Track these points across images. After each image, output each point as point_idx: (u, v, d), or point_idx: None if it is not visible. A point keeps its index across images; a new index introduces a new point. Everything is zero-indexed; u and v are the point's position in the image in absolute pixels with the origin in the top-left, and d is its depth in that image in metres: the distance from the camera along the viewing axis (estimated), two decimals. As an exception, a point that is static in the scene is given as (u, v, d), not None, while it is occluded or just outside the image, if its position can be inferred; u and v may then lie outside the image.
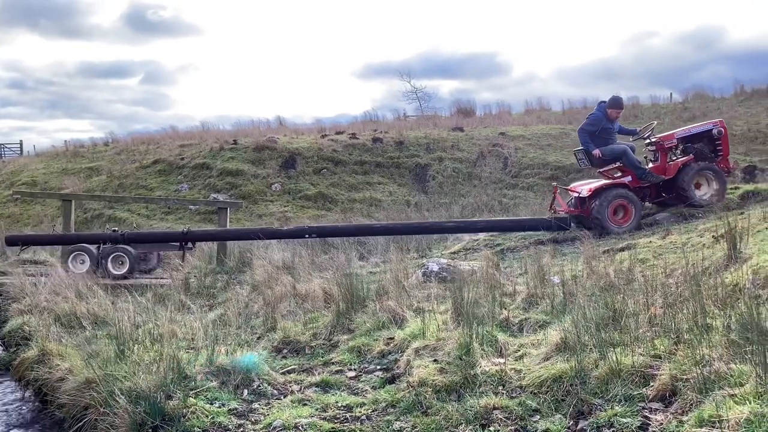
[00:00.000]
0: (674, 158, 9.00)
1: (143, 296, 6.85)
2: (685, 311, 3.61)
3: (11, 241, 9.86)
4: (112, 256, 8.73)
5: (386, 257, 9.04)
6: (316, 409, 3.55)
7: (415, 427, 3.16)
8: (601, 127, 8.93)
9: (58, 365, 4.86)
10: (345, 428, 3.27)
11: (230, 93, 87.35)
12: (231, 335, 5.01)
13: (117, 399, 3.62)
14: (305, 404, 3.66)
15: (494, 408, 3.17)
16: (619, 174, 9.05)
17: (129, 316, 5.23)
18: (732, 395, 2.55)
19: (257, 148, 19.10)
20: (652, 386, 3.00)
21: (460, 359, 3.74)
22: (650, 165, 9.14)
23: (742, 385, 2.63)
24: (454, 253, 9.55)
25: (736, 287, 4.07)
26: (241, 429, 3.39)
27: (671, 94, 25.61)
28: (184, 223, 15.67)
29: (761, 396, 2.46)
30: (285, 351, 4.91)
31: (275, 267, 7.65)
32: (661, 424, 2.71)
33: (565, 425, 2.96)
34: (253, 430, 3.36)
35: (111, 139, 27.07)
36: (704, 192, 8.69)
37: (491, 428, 3.02)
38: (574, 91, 73.24)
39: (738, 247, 5.01)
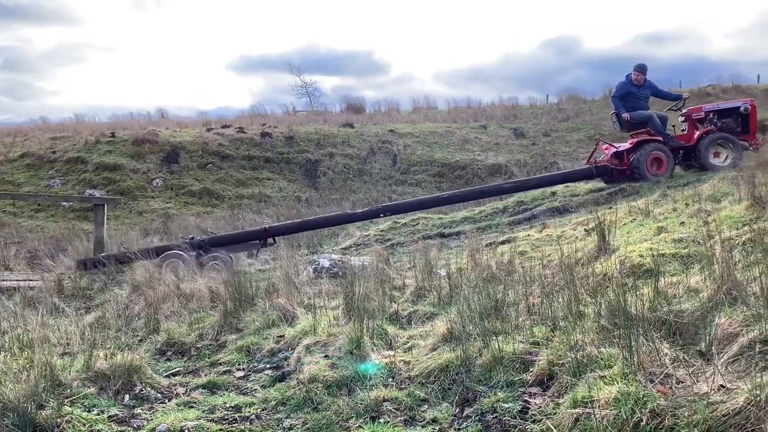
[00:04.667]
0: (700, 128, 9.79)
1: (11, 300, 6.33)
2: (560, 300, 3.85)
3: (85, 265, 8.54)
4: (209, 265, 7.93)
5: (276, 254, 8.93)
6: (203, 411, 3.45)
7: (306, 424, 3.14)
8: (626, 91, 9.91)
9: None
10: (234, 429, 3.20)
11: (106, 84, 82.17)
12: (110, 338, 4.74)
13: (-21, 413, 3.32)
14: (191, 407, 3.53)
15: (384, 400, 3.22)
16: (647, 136, 9.74)
17: (-7, 322, 4.81)
18: (602, 377, 2.74)
19: (137, 141, 18.16)
20: (531, 372, 3.16)
21: (351, 354, 3.77)
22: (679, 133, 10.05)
23: (610, 367, 2.83)
24: (345, 248, 9.61)
25: (605, 276, 4.39)
26: (122, 436, 3.22)
27: (547, 96, 27.19)
28: (56, 221, 14.61)
29: (627, 376, 2.66)
30: (169, 353, 4.72)
31: (157, 266, 7.33)
32: (540, 407, 2.87)
33: (452, 413, 3.07)
34: (136, 436, 3.20)
35: (-32, 130, 24.70)
36: (722, 159, 9.42)
37: (381, 420, 3.07)
38: (450, 91, 75.93)
39: (607, 239, 5.40)
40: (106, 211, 10.08)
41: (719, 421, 2.27)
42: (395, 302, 4.88)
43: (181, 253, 8.10)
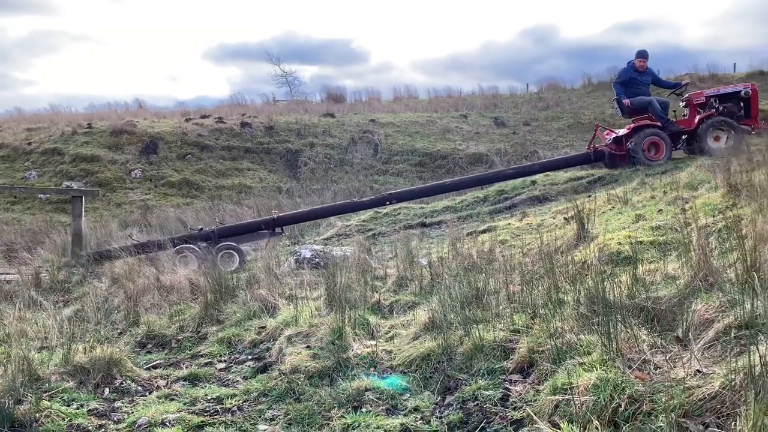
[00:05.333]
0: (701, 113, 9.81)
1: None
2: (540, 288, 3.88)
3: (99, 257, 8.46)
4: (221, 254, 8.02)
5: (257, 245, 8.89)
6: (185, 404, 3.43)
7: (288, 414, 3.14)
8: (628, 77, 9.97)
9: None
10: (215, 421, 3.19)
11: (82, 73, 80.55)
12: (89, 332, 4.69)
13: (-45, 409, 3.27)
14: (172, 399, 3.52)
15: (366, 390, 3.23)
16: (649, 122, 9.79)
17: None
18: (581, 363, 2.77)
19: (115, 132, 17.91)
20: (511, 359, 3.19)
21: (333, 344, 3.77)
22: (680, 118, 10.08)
23: (589, 353, 2.86)
24: (326, 239, 9.59)
25: (584, 264, 4.43)
26: (103, 429, 3.19)
27: (527, 85, 27.25)
28: (33, 213, 14.38)
29: (605, 363, 2.69)
30: (150, 346, 4.69)
31: (137, 258, 7.26)
32: (520, 394, 2.90)
33: (433, 401, 3.08)
34: (116, 429, 3.18)
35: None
36: (722, 143, 9.41)
37: (363, 410, 3.07)
38: (429, 80, 75.69)
39: (586, 227, 5.45)
40: (84, 203, 9.93)
41: (695, 405, 2.31)
42: (377, 292, 4.89)
43: (193, 247, 8.17)
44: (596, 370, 2.63)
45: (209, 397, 3.51)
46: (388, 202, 9.63)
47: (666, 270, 3.78)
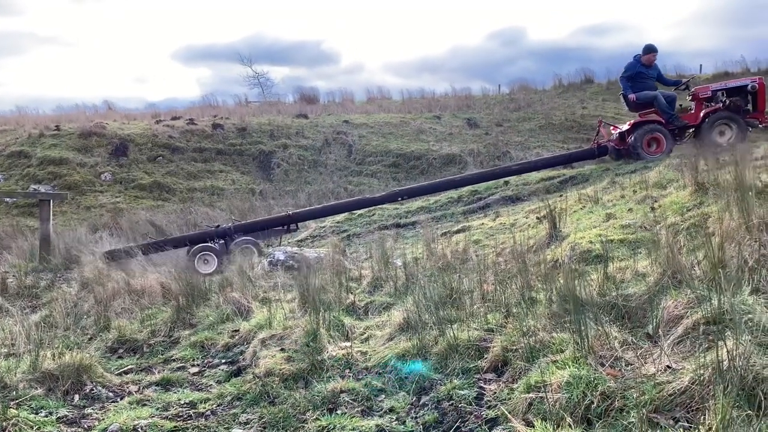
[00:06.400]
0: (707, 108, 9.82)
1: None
2: (513, 287, 3.91)
3: (113, 256, 8.36)
4: (239, 249, 8.21)
5: (229, 248, 8.80)
6: (157, 409, 3.38)
7: (262, 418, 3.12)
8: (635, 72, 9.98)
9: None
10: (188, 426, 3.15)
11: (49, 75, 78.72)
12: (58, 338, 4.61)
13: None
14: (144, 405, 3.46)
15: (341, 391, 3.22)
16: (654, 116, 9.82)
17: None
18: (554, 361, 2.80)
19: (84, 134, 17.58)
20: (486, 358, 3.20)
21: (308, 346, 3.75)
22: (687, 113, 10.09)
23: (562, 351, 2.89)
24: (300, 240, 9.55)
25: (556, 263, 4.48)
26: (72, 438, 3.13)
27: (499, 86, 27.46)
28: (-2, 217, 14.06)
29: (578, 360, 2.72)
30: (121, 351, 4.61)
31: (107, 263, 7.14)
32: (495, 393, 2.91)
33: (409, 402, 3.09)
34: (86, 437, 3.12)
35: None
36: (727, 137, 9.43)
37: (338, 411, 3.06)
38: (401, 81, 75.77)
39: (557, 226, 5.51)
40: (52, 206, 9.74)
41: (666, 400, 2.35)
42: (352, 293, 4.88)
43: (211, 246, 8.36)
44: (569, 367, 2.66)
45: (182, 402, 3.47)
46: (399, 198, 9.81)
47: (636, 268, 3.84)
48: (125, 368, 4.19)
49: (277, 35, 74.81)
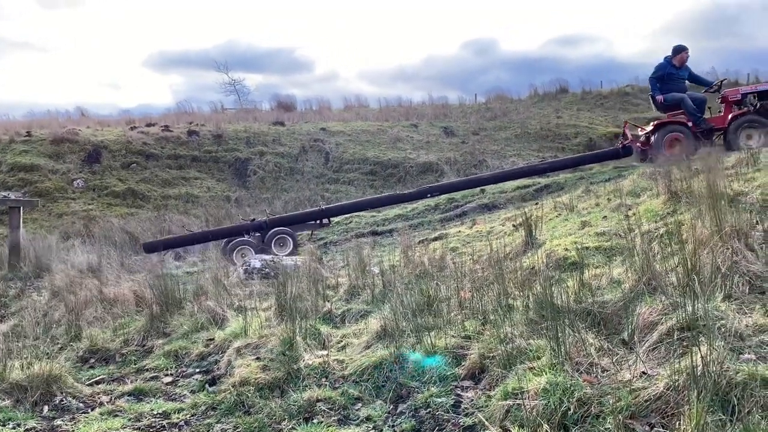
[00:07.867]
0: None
1: None
2: (490, 294, 3.92)
3: (151, 248, 8.95)
4: (275, 239, 8.93)
5: (205, 256, 8.70)
6: (129, 420, 3.31)
7: (237, 428, 3.07)
8: (665, 72, 9.91)
9: None
10: (162, 437, 3.09)
11: (20, 80, 77.26)
12: (27, 347, 4.49)
13: None
14: (116, 415, 3.39)
15: (317, 400, 3.18)
16: (682, 118, 9.76)
17: None
18: (531, 368, 2.81)
19: (56, 140, 17.28)
20: (463, 365, 3.20)
21: (284, 355, 3.71)
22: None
23: (539, 358, 2.90)
24: (276, 248, 9.46)
25: (532, 270, 4.50)
26: (41, 451, 3.05)
27: (476, 95, 27.66)
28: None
29: (555, 367, 2.73)
30: (92, 360, 4.52)
31: (79, 271, 7.01)
32: (472, 400, 2.91)
33: (386, 410, 3.06)
34: (55, 450, 3.04)
35: None
36: (753, 142, 9.25)
37: (315, 420, 3.03)
38: (376, 90, 75.83)
39: (533, 234, 5.54)
40: (22, 213, 9.55)
41: (642, 406, 2.37)
42: (328, 301, 4.85)
43: (248, 239, 8.80)
44: (546, 374, 2.66)
45: (155, 412, 3.40)
46: (429, 195, 10.08)
47: (611, 275, 3.87)
48: (97, 378, 4.11)
49: (250, 42, 74.43)
